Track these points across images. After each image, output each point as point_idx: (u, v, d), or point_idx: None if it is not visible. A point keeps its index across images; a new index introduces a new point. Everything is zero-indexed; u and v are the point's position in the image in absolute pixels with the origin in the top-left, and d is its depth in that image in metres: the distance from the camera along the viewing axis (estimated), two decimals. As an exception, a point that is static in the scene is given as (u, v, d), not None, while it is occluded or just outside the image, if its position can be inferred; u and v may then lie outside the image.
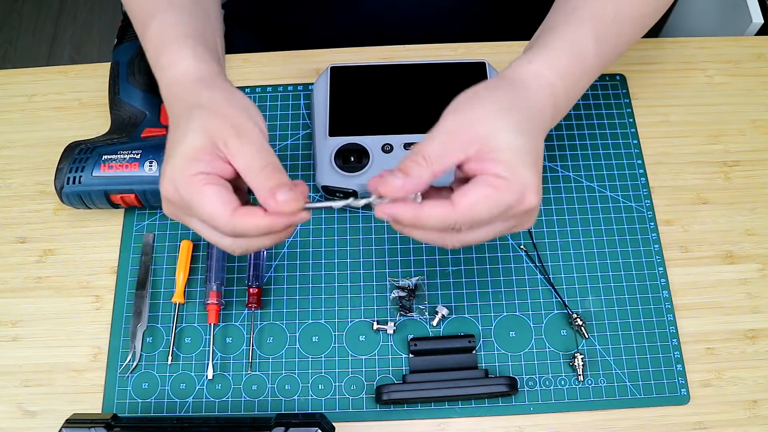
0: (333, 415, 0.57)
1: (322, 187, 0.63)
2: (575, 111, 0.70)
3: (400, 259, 0.64)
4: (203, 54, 0.49)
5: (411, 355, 0.59)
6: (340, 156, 0.63)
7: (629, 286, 0.62)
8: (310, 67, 0.72)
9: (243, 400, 0.59)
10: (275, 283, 0.63)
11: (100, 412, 0.58)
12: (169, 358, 0.59)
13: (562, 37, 0.50)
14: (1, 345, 0.61)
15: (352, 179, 0.62)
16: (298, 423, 0.52)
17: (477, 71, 0.66)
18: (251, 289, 0.61)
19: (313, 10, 0.82)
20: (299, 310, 0.62)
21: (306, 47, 0.74)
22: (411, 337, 0.60)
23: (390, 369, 0.59)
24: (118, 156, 0.61)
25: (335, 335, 0.61)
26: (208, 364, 0.59)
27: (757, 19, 0.79)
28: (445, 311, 0.61)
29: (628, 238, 0.64)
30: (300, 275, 0.63)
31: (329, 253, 0.64)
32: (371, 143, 0.63)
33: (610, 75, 0.72)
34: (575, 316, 0.60)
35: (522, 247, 0.64)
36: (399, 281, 0.62)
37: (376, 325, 0.61)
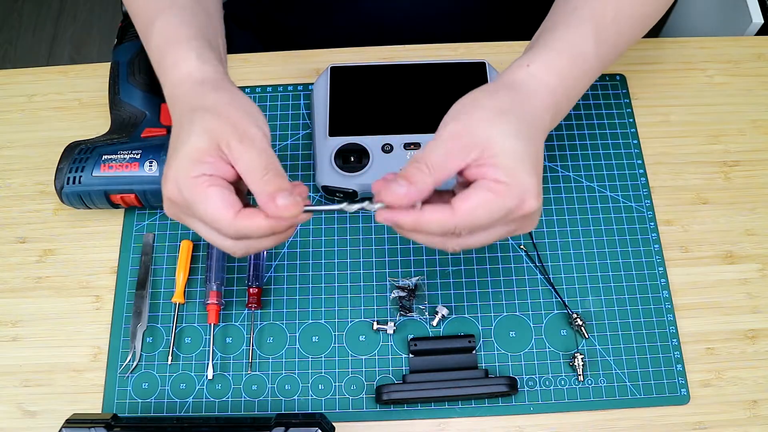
0: (333, 415, 0.57)
1: (322, 187, 0.63)
2: (575, 111, 0.70)
3: (400, 259, 0.64)
4: (208, 55, 0.49)
5: (411, 355, 0.59)
6: (340, 156, 0.63)
7: (629, 286, 0.62)
8: (310, 67, 0.72)
9: (243, 400, 0.59)
10: (275, 283, 0.63)
11: (100, 412, 0.58)
12: (169, 358, 0.60)
13: (561, 37, 0.50)
14: (1, 345, 0.61)
15: (352, 179, 0.62)
16: (298, 423, 0.52)
17: (477, 71, 0.66)
18: (251, 289, 0.61)
19: (313, 10, 0.82)
20: (299, 310, 0.62)
21: (306, 47, 0.74)
22: (411, 337, 0.60)
23: (390, 369, 0.59)
24: (118, 156, 0.61)
25: (335, 335, 0.61)
26: (208, 364, 0.59)
27: (757, 19, 0.79)
28: (445, 311, 0.61)
29: (628, 238, 0.64)
30: (300, 275, 0.63)
31: (329, 253, 0.64)
32: (371, 143, 0.63)
33: (610, 75, 0.72)
34: (575, 316, 0.60)
35: (522, 247, 0.64)
36: (399, 281, 0.62)
37: (376, 325, 0.61)
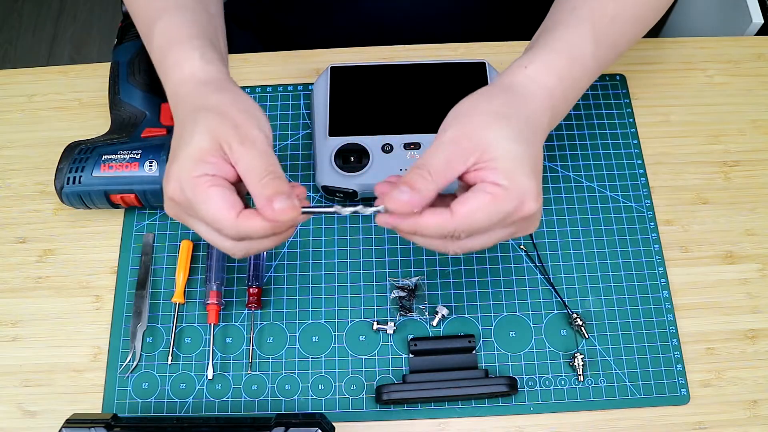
0: (333, 415, 0.57)
1: (322, 187, 0.63)
2: (575, 111, 0.70)
3: (400, 259, 0.64)
4: (211, 55, 0.49)
5: (411, 355, 0.59)
6: (340, 156, 0.63)
7: (629, 286, 0.62)
8: (310, 67, 0.72)
9: (243, 400, 0.59)
10: (275, 283, 0.63)
11: (100, 412, 0.58)
12: (169, 358, 0.59)
13: (560, 37, 0.50)
14: (1, 345, 0.61)
15: (352, 179, 0.62)
16: (298, 423, 0.52)
17: (477, 71, 0.66)
18: (251, 289, 0.61)
19: (313, 10, 0.82)
20: (299, 310, 0.62)
21: (306, 47, 0.74)
22: (411, 337, 0.60)
23: (390, 369, 0.59)
24: (118, 156, 0.61)
25: (335, 335, 0.61)
26: (208, 364, 0.59)
27: (757, 19, 0.79)
28: (445, 311, 0.61)
29: (628, 238, 0.64)
30: (300, 275, 0.63)
31: (329, 253, 0.64)
32: (371, 143, 0.63)
33: (610, 75, 0.72)
34: (575, 316, 0.60)
35: (522, 247, 0.64)
36: (399, 281, 0.62)
37: (376, 325, 0.61)
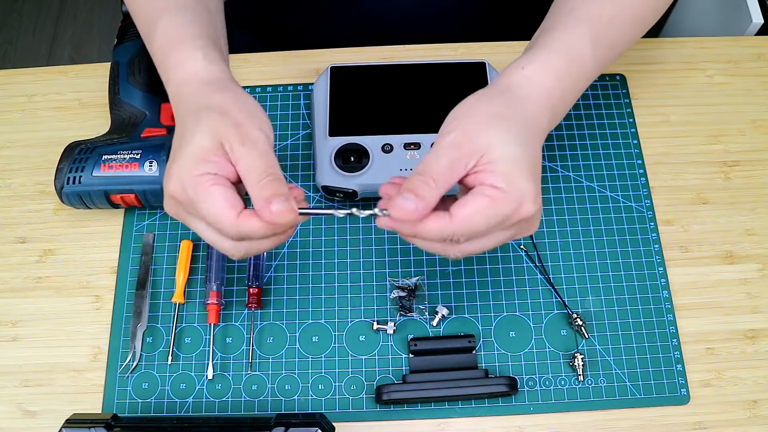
0: (333, 415, 0.57)
1: (322, 187, 0.63)
2: (575, 111, 0.70)
3: (400, 259, 0.64)
4: (213, 55, 0.49)
5: (411, 355, 0.59)
6: (340, 156, 0.63)
7: (629, 286, 0.62)
8: (310, 67, 0.72)
9: (243, 400, 0.59)
10: (275, 283, 0.63)
11: (100, 412, 0.58)
12: (169, 358, 0.59)
13: (559, 38, 0.50)
14: (1, 345, 0.61)
15: (352, 179, 0.62)
16: (298, 423, 0.52)
17: (477, 71, 0.66)
18: (251, 289, 0.61)
19: (313, 10, 0.82)
20: (299, 310, 0.62)
21: (306, 47, 0.74)
22: (411, 337, 0.60)
23: (390, 369, 0.59)
24: (118, 156, 0.61)
25: (335, 335, 0.61)
26: (208, 364, 0.59)
27: (757, 19, 0.79)
28: (445, 311, 0.61)
29: (628, 238, 0.64)
30: (300, 275, 0.63)
31: (329, 253, 0.64)
32: (371, 143, 0.63)
33: (610, 75, 0.72)
34: (575, 316, 0.60)
35: (522, 247, 0.64)
36: (399, 281, 0.62)
37: (376, 325, 0.61)
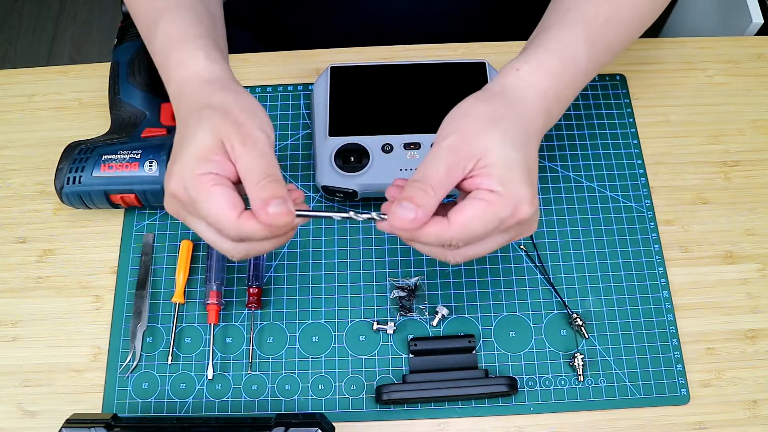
0: (333, 415, 0.57)
1: (322, 187, 0.63)
2: (575, 111, 0.70)
3: (400, 259, 0.64)
4: (215, 55, 0.49)
5: (411, 355, 0.59)
6: (340, 156, 0.63)
7: (629, 286, 0.62)
8: (310, 67, 0.72)
9: (243, 400, 0.59)
10: (275, 283, 0.63)
11: (100, 412, 0.58)
12: (169, 358, 0.59)
13: (554, 38, 0.50)
14: (1, 345, 0.61)
15: (352, 179, 0.62)
16: (298, 423, 0.52)
17: (477, 71, 0.66)
18: (251, 289, 0.61)
19: (313, 10, 0.82)
20: (299, 310, 0.62)
21: (306, 47, 0.74)
22: (411, 337, 0.60)
23: (390, 369, 0.59)
24: (118, 156, 0.61)
25: (335, 335, 0.61)
26: (208, 364, 0.59)
27: (757, 19, 0.79)
28: (445, 311, 0.61)
29: (628, 238, 0.64)
30: (300, 275, 0.63)
31: (329, 253, 0.64)
32: (371, 143, 0.63)
33: (610, 75, 0.72)
34: (575, 316, 0.60)
35: (522, 247, 0.64)
36: (399, 281, 0.62)
37: (376, 325, 0.61)
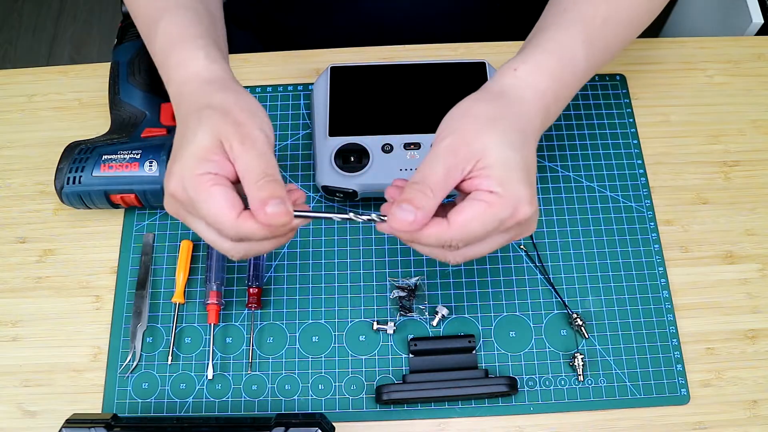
0: (333, 415, 0.57)
1: (322, 187, 0.63)
2: (575, 111, 0.70)
3: (400, 259, 0.64)
4: (215, 55, 0.50)
5: (411, 355, 0.59)
6: (340, 156, 0.63)
7: (629, 286, 0.62)
8: (310, 67, 0.72)
9: (243, 400, 0.59)
10: (275, 283, 0.63)
11: (100, 412, 0.58)
12: (169, 358, 0.59)
13: (552, 38, 0.50)
14: (1, 345, 0.61)
15: (352, 179, 0.62)
16: (298, 423, 0.52)
17: (477, 71, 0.66)
18: (251, 289, 0.61)
19: (313, 10, 0.82)
20: (299, 310, 0.62)
21: (306, 47, 0.74)
22: (411, 337, 0.60)
23: (390, 369, 0.59)
24: (118, 156, 0.61)
25: (335, 335, 0.61)
26: (208, 364, 0.59)
27: (757, 19, 0.79)
28: (445, 311, 0.61)
29: (628, 238, 0.64)
30: (300, 275, 0.63)
31: (329, 253, 0.64)
32: (371, 143, 0.63)
33: (610, 75, 0.72)
34: (575, 316, 0.60)
35: (522, 247, 0.64)
36: (399, 281, 0.62)
37: (376, 325, 0.61)
